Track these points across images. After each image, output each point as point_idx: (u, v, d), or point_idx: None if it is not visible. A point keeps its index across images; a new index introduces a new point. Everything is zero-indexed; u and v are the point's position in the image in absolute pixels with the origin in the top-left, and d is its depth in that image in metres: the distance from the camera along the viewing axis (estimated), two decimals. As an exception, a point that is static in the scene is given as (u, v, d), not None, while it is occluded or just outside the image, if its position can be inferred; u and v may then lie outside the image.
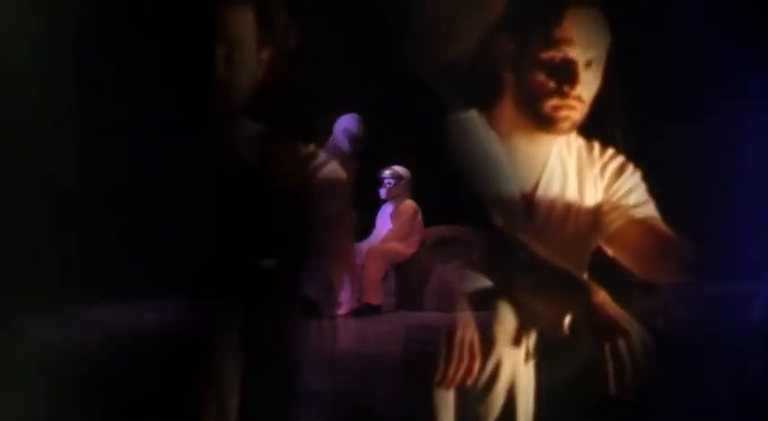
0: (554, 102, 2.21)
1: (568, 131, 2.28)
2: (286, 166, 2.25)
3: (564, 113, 2.22)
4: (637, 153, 2.39)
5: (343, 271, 2.29)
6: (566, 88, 2.19)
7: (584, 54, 2.20)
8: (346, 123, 5.31)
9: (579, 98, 2.21)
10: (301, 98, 2.35)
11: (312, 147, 2.29)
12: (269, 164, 2.24)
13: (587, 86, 2.22)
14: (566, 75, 2.19)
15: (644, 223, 2.30)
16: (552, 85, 2.20)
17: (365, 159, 5.26)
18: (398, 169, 5.69)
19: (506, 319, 2.07)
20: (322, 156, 2.27)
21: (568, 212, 2.30)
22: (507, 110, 2.30)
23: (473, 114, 2.31)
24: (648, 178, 2.37)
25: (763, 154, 2.44)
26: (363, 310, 5.27)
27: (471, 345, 2.02)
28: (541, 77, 2.21)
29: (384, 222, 5.76)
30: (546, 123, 2.24)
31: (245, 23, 2.15)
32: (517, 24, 2.25)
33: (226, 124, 2.19)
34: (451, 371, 2.01)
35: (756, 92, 2.45)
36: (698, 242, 2.22)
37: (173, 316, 2.01)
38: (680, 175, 2.55)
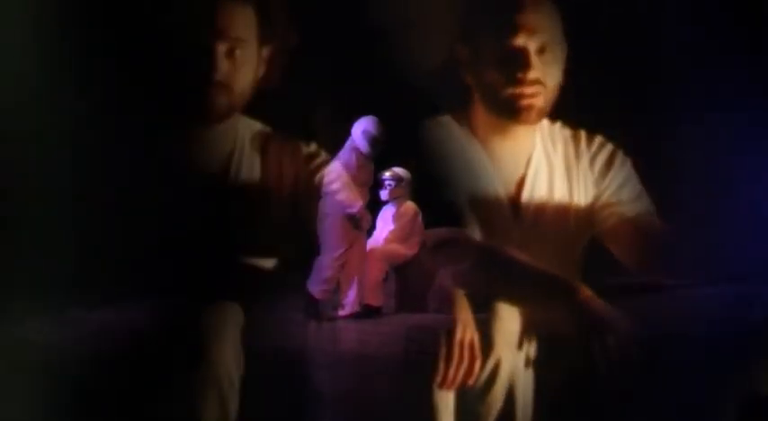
0: (511, 90, 2.21)
1: (537, 120, 2.27)
2: (287, 166, 2.25)
3: (525, 102, 2.21)
4: (636, 152, 2.39)
5: (354, 273, 2.29)
6: (519, 75, 2.19)
7: (533, 39, 2.20)
8: (366, 125, 5.32)
9: (538, 82, 2.21)
10: (299, 98, 2.35)
11: (313, 146, 2.29)
12: (269, 163, 2.24)
13: (546, 71, 2.22)
14: (516, 62, 2.20)
15: (638, 220, 2.29)
16: (506, 75, 2.20)
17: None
18: (398, 171, 5.69)
19: (506, 319, 2.07)
20: (323, 155, 2.28)
21: (558, 209, 2.29)
22: (479, 113, 2.31)
23: (447, 119, 2.32)
24: (647, 179, 2.36)
25: (763, 153, 2.43)
26: (364, 312, 5.26)
27: (471, 346, 2.01)
28: (495, 71, 2.22)
29: (385, 224, 5.76)
30: (512, 115, 2.24)
31: (246, 20, 2.15)
32: (469, 29, 2.27)
33: (226, 122, 2.19)
34: (452, 371, 2.01)
35: (758, 90, 2.45)
36: (695, 241, 2.21)
37: (173, 316, 2.01)
38: (678, 175, 2.55)
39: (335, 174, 2.21)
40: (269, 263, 2.18)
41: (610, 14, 2.32)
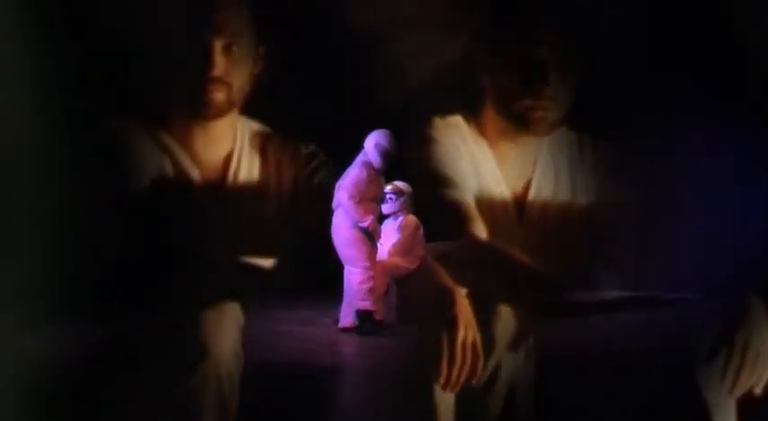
0: (526, 102, 2.21)
1: (546, 133, 2.28)
2: (286, 166, 2.25)
3: (539, 114, 2.22)
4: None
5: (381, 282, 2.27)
6: (536, 88, 2.20)
7: (555, 54, 2.20)
8: (378, 138, 5.31)
9: (552, 98, 2.21)
10: (299, 98, 2.35)
11: (312, 147, 2.29)
12: (269, 163, 2.24)
13: (563, 86, 2.22)
14: (535, 74, 2.19)
15: (637, 221, 2.30)
16: (523, 84, 2.20)
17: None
18: (400, 184, 5.68)
19: (507, 320, 2.06)
20: (322, 156, 2.28)
21: (562, 211, 2.30)
22: (489, 115, 2.31)
23: (457, 119, 2.32)
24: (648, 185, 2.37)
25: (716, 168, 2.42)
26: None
27: (474, 346, 2.01)
28: (513, 78, 2.22)
29: (387, 237, 5.75)
30: (522, 125, 2.24)
31: (243, 17, 2.15)
32: (492, 30, 2.27)
33: (225, 119, 2.19)
34: (455, 372, 2.00)
35: (712, 104, 2.45)
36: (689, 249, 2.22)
37: (173, 315, 2.00)
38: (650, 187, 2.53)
39: (346, 189, 2.21)
40: (269, 263, 2.18)
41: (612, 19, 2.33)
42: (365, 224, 3.38)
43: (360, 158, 5.28)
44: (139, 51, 2.13)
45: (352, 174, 5.34)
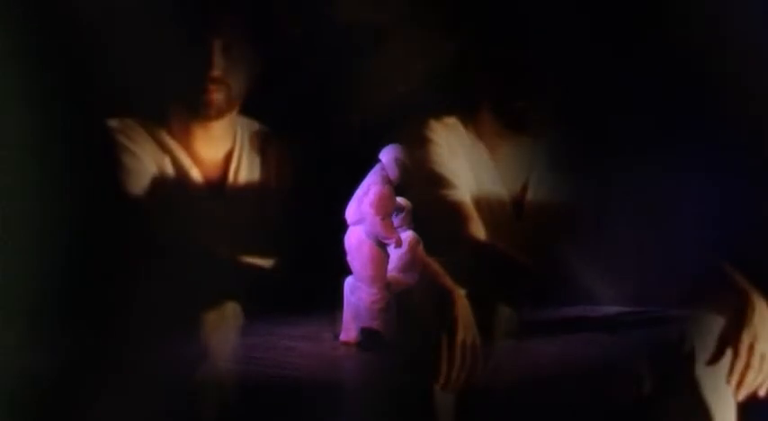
0: (520, 104, 2.22)
1: (540, 135, 2.28)
2: (286, 166, 2.26)
3: (530, 117, 2.24)
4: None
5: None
6: (529, 89, 2.21)
7: (547, 56, 2.21)
8: (395, 152, 5.25)
9: (544, 100, 2.22)
10: (299, 98, 2.35)
11: (312, 147, 2.30)
12: (269, 163, 2.25)
13: (554, 89, 2.23)
14: (529, 76, 2.21)
15: (636, 223, 2.30)
16: (513, 86, 2.22)
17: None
18: (399, 200, 5.68)
19: (506, 321, 2.07)
20: (322, 156, 2.29)
21: (560, 212, 2.31)
22: (485, 117, 2.32)
23: (454, 121, 2.33)
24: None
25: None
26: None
27: (474, 347, 2.01)
28: (504, 81, 2.23)
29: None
30: (516, 127, 2.25)
31: (243, 16, 2.17)
32: (483, 34, 2.29)
33: (225, 119, 2.20)
34: (454, 373, 2.00)
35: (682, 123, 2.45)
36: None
37: (172, 316, 2.01)
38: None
39: (372, 204, 2.20)
40: (269, 263, 2.19)
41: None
42: (391, 241, 3.37)
43: (377, 172, 5.22)
44: (139, 51, 2.14)
45: (375, 190, 5.27)
